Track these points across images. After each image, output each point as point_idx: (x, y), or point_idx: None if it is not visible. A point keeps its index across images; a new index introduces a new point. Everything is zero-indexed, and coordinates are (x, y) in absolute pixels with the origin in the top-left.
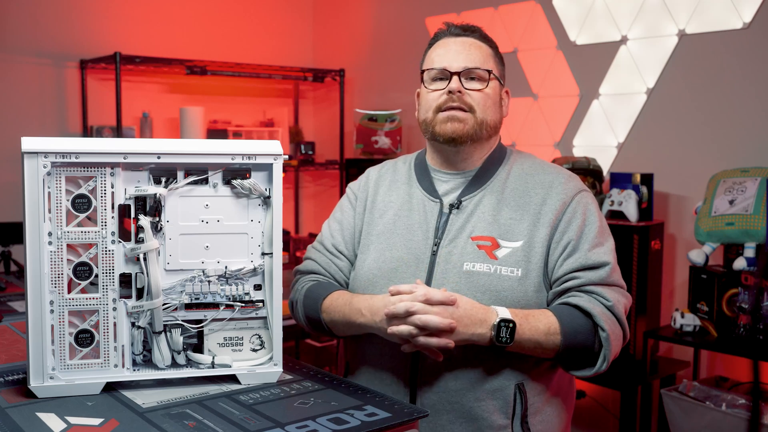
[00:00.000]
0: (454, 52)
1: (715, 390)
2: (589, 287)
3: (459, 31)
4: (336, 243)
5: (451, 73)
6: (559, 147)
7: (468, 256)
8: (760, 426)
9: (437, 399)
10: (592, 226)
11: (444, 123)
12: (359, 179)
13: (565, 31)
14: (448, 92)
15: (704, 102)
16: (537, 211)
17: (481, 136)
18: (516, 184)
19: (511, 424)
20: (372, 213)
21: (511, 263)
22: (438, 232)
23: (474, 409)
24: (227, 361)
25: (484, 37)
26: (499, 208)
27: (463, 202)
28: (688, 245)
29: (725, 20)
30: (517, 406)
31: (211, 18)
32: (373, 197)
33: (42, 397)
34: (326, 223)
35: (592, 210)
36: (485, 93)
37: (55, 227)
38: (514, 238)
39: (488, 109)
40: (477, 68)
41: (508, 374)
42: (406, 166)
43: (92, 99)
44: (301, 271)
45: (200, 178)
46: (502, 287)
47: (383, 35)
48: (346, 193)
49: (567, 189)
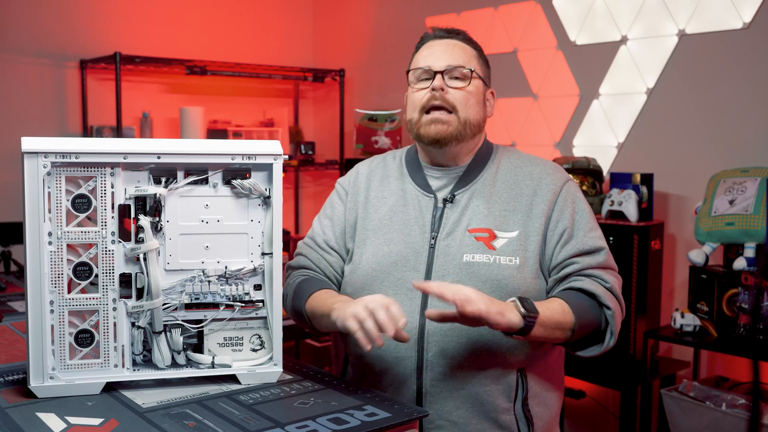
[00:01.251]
0: (438, 53)
1: (715, 390)
2: (588, 271)
3: (443, 33)
4: (327, 239)
5: (435, 71)
6: (559, 147)
7: (467, 248)
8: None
9: (444, 386)
10: (583, 213)
11: (428, 125)
12: (348, 174)
13: (565, 31)
14: (431, 90)
15: (704, 102)
16: (529, 202)
17: (465, 136)
18: (506, 177)
19: (513, 407)
20: (366, 208)
21: (509, 252)
22: (434, 226)
23: (480, 394)
24: (227, 361)
25: (468, 40)
26: (492, 200)
27: (456, 196)
28: (688, 245)
29: (725, 20)
30: (519, 390)
31: (211, 18)
32: (365, 192)
33: (42, 397)
34: (316, 218)
35: (580, 198)
36: (467, 91)
37: (55, 227)
38: (509, 229)
39: (471, 107)
40: (460, 66)
41: (510, 360)
42: (396, 161)
43: (92, 99)
44: (293, 266)
45: (200, 178)
46: (502, 276)
47: (383, 35)
48: (336, 189)
49: (555, 179)
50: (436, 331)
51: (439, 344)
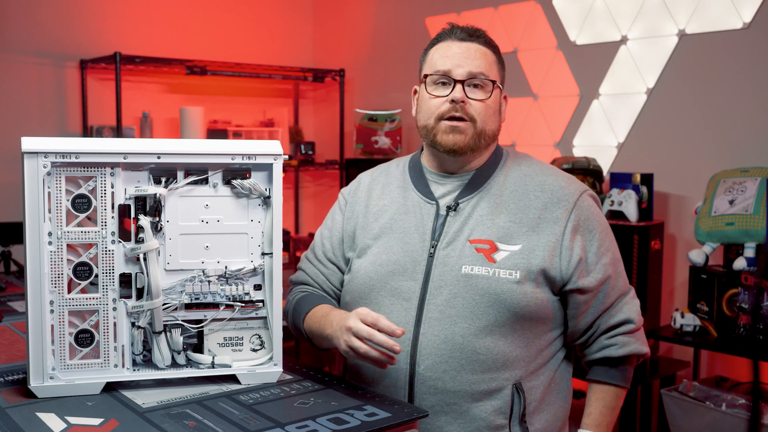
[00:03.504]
0: (459, 58)
1: (715, 390)
2: (616, 338)
3: (464, 35)
4: (325, 251)
5: (455, 81)
6: (559, 147)
7: (466, 259)
8: (760, 426)
9: (435, 400)
10: (595, 238)
11: (446, 134)
12: (351, 185)
13: (565, 31)
14: (451, 101)
15: (704, 102)
16: (537, 216)
17: (479, 146)
18: (515, 186)
19: (509, 424)
20: (366, 217)
21: (509, 266)
22: (435, 235)
23: (472, 410)
24: (227, 361)
25: (488, 42)
26: (498, 211)
27: (460, 204)
28: (688, 245)
29: (725, 20)
30: (515, 406)
31: (211, 18)
32: (366, 201)
33: (42, 397)
34: (318, 231)
35: (595, 216)
36: (487, 104)
37: (55, 227)
38: (512, 242)
39: (489, 118)
40: (481, 76)
41: (505, 374)
42: (399, 169)
43: (92, 99)
44: (293, 281)
45: (200, 178)
46: (501, 290)
47: (383, 35)
48: (338, 199)
49: (568, 193)
50: (429, 344)
51: (432, 357)
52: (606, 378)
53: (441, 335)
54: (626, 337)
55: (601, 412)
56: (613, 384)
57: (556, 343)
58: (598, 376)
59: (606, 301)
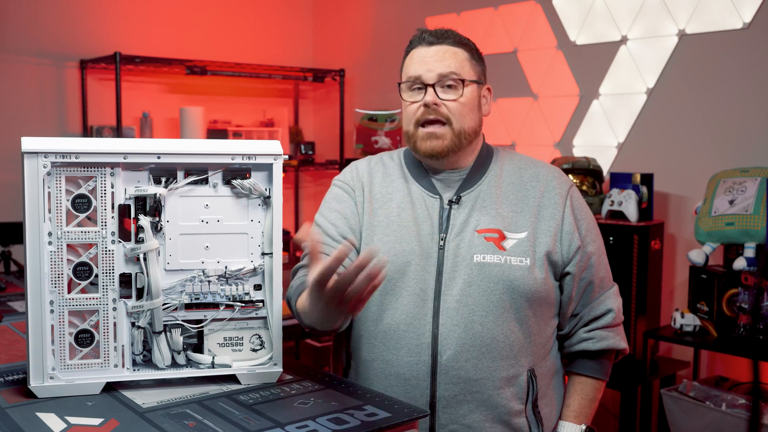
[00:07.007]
0: (429, 62)
1: (715, 390)
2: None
3: (432, 38)
4: (342, 232)
5: (426, 84)
6: (559, 147)
7: (477, 248)
8: (760, 426)
9: (458, 390)
10: (589, 223)
11: (424, 141)
12: (346, 172)
13: (565, 31)
14: (424, 105)
15: (704, 102)
16: (537, 203)
17: (461, 145)
18: (512, 178)
19: (524, 409)
20: (372, 204)
21: (519, 253)
22: (442, 227)
23: (493, 397)
24: (227, 361)
25: (459, 42)
26: (500, 202)
27: (462, 197)
28: (688, 245)
29: (725, 20)
30: (530, 391)
31: (211, 18)
32: (369, 188)
33: (42, 397)
34: (319, 216)
35: (584, 205)
36: (461, 103)
37: (55, 227)
38: (518, 230)
39: (465, 117)
40: (453, 76)
41: (521, 360)
42: (394, 161)
43: (92, 99)
44: (305, 265)
45: (200, 178)
46: (513, 277)
47: (383, 35)
48: (337, 186)
49: (561, 183)
50: (449, 334)
51: (452, 348)
52: (585, 371)
53: (461, 325)
54: (604, 332)
55: (581, 404)
56: (591, 376)
57: (556, 330)
58: (577, 369)
59: (590, 288)
